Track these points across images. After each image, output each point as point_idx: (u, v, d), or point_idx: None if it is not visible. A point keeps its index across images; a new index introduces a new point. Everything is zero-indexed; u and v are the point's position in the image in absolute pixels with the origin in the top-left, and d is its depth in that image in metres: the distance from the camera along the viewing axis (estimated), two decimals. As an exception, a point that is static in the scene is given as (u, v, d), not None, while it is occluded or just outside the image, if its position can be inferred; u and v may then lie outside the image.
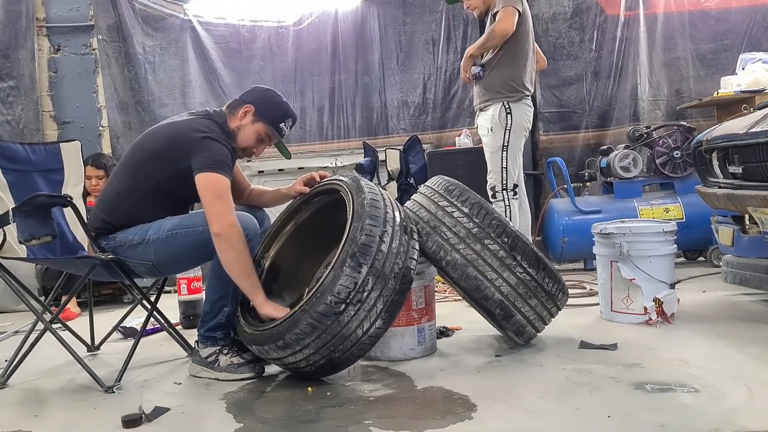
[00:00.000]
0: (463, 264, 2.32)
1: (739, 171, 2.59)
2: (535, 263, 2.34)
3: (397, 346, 2.48)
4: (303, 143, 5.34)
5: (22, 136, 4.98)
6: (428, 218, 2.39)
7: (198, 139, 2.32)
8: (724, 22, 5.13)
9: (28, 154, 2.71)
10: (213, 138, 2.34)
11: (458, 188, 2.43)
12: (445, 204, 2.40)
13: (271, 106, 2.51)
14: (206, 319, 2.39)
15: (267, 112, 2.49)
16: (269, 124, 2.48)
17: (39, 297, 3.02)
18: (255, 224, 2.38)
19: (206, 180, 2.27)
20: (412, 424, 1.78)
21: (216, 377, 2.34)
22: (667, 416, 1.72)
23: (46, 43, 5.22)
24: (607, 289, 2.92)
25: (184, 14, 5.24)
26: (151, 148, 2.42)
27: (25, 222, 2.23)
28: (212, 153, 2.30)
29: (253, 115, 2.47)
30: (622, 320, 2.83)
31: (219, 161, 2.30)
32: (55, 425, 1.97)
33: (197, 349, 2.41)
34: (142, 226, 2.37)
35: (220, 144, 2.34)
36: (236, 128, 2.47)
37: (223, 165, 2.30)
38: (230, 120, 2.49)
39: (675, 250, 2.88)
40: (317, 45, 5.35)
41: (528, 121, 3.59)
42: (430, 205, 2.42)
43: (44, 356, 2.67)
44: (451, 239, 2.34)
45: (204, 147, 2.31)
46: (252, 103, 2.48)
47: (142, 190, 2.39)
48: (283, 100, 2.57)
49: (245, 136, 2.48)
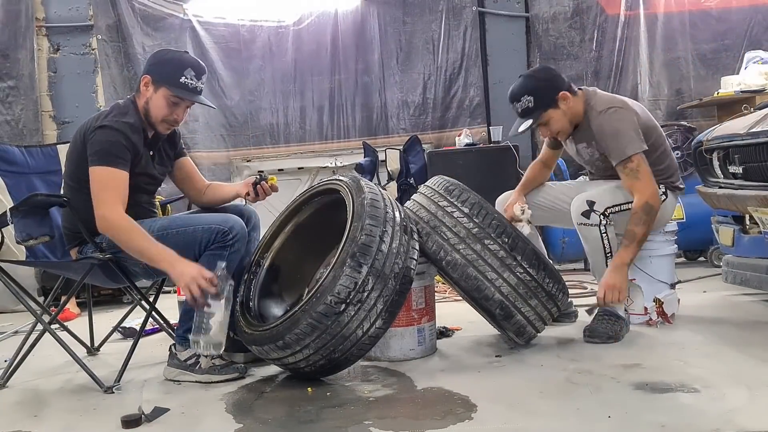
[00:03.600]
0: (464, 264, 2.32)
1: (740, 171, 2.59)
2: (536, 263, 2.34)
3: (397, 346, 2.47)
4: (303, 143, 5.34)
5: (21, 136, 4.97)
6: (428, 218, 2.39)
7: (90, 131, 2.30)
8: (725, 22, 5.12)
9: (25, 157, 2.71)
10: (101, 126, 2.28)
11: (458, 188, 2.42)
12: (445, 204, 2.39)
13: (164, 65, 2.38)
14: (186, 319, 2.34)
15: (162, 74, 2.35)
16: (168, 84, 2.34)
17: (38, 297, 3.03)
18: (241, 225, 2.35)
19: (91, 176, 2.25)
20: (412, 424, 1.78)
21: (197, 380, 2.30)
22: (668, 416, 1.71)
23: (46, 43, 5.21)
24: None
25: (183, 14, 5.23)
26: (71, 150, 2.42)
27: (23, 222, 2.23)
28: (97, 144, 2.26)
29: (153, 84, 2.36)
30: None
31: (103, 152, 2.25)
32: (55, 426, 1.96)
33: (174, 351, 2.37)
34: None
35: (110, 130, 2.27)
36: (146, 103, 2.38)
37: (107, 155, 2.24)
38: (138, 98, 2.41)
39: (676, 251, 2.87)
40: (317, 45, 5.34)
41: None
42: (430, 205, 2.42)
43: (44, 357, 2.67)
44: (451, 239, 2.34)
45: (93, 139, 2.27)
46: (147, 73, 2.39)
47: (83, 191, 2.32)
48: (175, 53, 2.45)
49: (155, 106, 2.36)
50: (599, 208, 2.56)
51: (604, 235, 2.57)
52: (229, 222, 2.31)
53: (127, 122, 2.31)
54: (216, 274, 2.16)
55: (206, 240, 2.28)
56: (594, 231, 2.56)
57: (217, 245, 2.27)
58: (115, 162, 2.25)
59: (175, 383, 2.32)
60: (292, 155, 5.29)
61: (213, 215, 2.42)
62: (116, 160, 2.25)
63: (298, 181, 5.26)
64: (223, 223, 2.30)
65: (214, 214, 2.43)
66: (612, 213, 2.59)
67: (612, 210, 2.59)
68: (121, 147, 2.27)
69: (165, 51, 2.50)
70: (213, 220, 2.33)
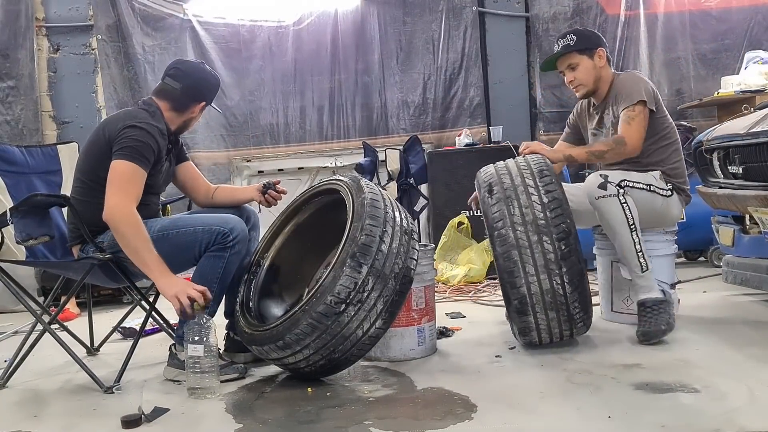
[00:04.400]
0: (513, 245, 2.29)
1: (740, 171, 2.59)
2: (576, 283, 2.29)
3: (397, 346, 2.47)
4: (303, 143, 5.34)
5: (21, 136, 4.97)
6: (508, 186, 2.36)
7: (119, 129, 2.31)
8: (725, 22, 5.12)
9: (25, 156, 2.71)
10: (134, 125, 2.31)
11: (550, 176, 2.38)
12: (530, 183, 2.36)
13: (211, 90, 2.55)
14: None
15: (211, 97, 2.55)
16: (210, 104, 2.56)
17: (38, 297, 3.02)
18: (242, 226, 2.36)
19: (113, 167, 2.26)
20: (412, 424, 1.78)
21: None
22: (668, 416, 1.71)
23: (46, 43, 5.20)
24: (607, 289, 2.91)
25: (183, 14, 5.23)
26: (90, 144, 2.42)
27: (23, 222, 2.22)
28: (128, 141, 2.27)
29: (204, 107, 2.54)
30: (623, 321, 2.81)
31: (131, 148, 2.27)
32: (55, 426, 1.96)
33: (174, 351, 2.38)
34: None
35: (142, 131, 2.30)
36: (187, 120, 2.51)
37: (134, 152, 2.27)
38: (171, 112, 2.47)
39: (676, 251, 2.87)
40: (317, 45, 5.33)
41: None
42: (517, 176, 2.39)
43: (44, 357, 2.67)
44: (516, 217, 2.31)
45: (123, 136, 2.29)
46: (204, 100, 2.51)
47: (96, 188, 2.34)
48: (212, 76, 2.57)
49: (195, 121, 2.56)
50: (614, 180, 2.53)
51: (625, 205, 2.51)
52: (230, 223, 2.31)
53: (158, 126, 2.37)
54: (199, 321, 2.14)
55: (206, 241, 2.28)
56: (614, 202, 2.50)
57: (217, 247, 2.28)
58: (140, 161, 2.28)
59: (175, 383, 2.32)
60: (292, 155, 5.29)
61: (213, 216, 2.42)
62: (142, 159, 2.28)
63: (298, 181, 5.26)
64: (224, 224, 2.30)
65: (215, 215, 2.43)
66: (627, 186, 2.55)
67: (627, 183, 2.56)
68: (148, 148, 2.30)
69: (208, 73, 2.56)
70: (213, 221, 2.33)
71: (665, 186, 2.73)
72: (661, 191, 2.70)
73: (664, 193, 2.71)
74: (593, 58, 2.77)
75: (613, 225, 2.55)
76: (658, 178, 2.73)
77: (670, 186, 2.74)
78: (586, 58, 2.77)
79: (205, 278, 2.29)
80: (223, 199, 2.68)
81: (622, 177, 2.58)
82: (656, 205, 2.69)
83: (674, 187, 2.76)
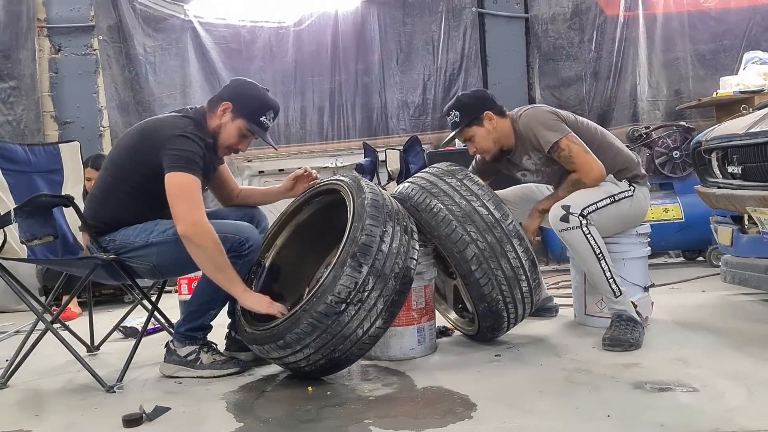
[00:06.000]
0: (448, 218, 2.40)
1: (738, 171, 2.60)
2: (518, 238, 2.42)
3: (397, 345, 2.48)
4: (303, 143, 5.35)
5: (23, 136, 4.97)
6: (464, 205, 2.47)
7: (168, 137, 2.29)
8: (724, 23, 5.12)
9: (27, 155, 2.71)
10: (184, 135, 2.29)
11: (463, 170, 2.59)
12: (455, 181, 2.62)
13: (249, 100, 2.43)
14: (189, 318, 2.40)
15: (244, 108, 2.41)
16: (248, 120, 2.41)
17: (40, 297, 3.03)
18: (257, 235, 2.39)
19: (171, 180, 2.24)
20: (412, 423, 1.79)
21: (199, 375, 2.34)
22: (667, 416, 1.72)
23: (47, 44, 5.21)
24: (580, 292, 2.85)
25: (184, 15, 5.24)
26: (126, 146, 2.42)
27: (27, 222, 2.24)
28: (180, 151, 2.26)
29: (231, 112, 2.41)
30: (595, 324, 2.73)
31: (186, 159, 2.26)
32: (56, 425, 1.97)
33: (173, 348, 2.40)
34: (144, 228, 2.36)
35: (191, 141, 2.29)
36: (217, 126, 2.42)
37: (190, 163, 2.26)
38: (210, 118, 2.44)
39: (649, 253, 2.83)
40: (317, 45, 5.34)
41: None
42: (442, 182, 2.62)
43: (45, 356, 2.68)
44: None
45: (173, 145, 2.27)
46: (229, 100, 2.42)
47: (122, 188, 2.38)
48: (260, 91, 2.47)
49: (227, 134, 2.42)
50: (576, 210, 2.52)
51: (589, 236, 2.51)
52: (245, 232, 2.34)
53: (205, 139, 2.37)
54: None
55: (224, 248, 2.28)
56: (577, 234, 2.51)
57: (233, 254, 2.29)
58: (195, 170, 2.28)
59: (176, 382, 2.33)
60: (292, 155, 5.30)
61: (229, 223, 2.39)
62: (196, 169, 2.28)
63: (299, 182, 5.26)
64: (240, 233, 2.32)
65: (230, 222, 2.41)
66: (589, 213, 2.54)
67: (588, 210, 2.55)
68: (199, 158, 2.31)
69: (252, 86, 2.48)
70: (230, 229, 2.33)
71: (625, 186, 2.70)
72: (624, 194, 2.67)
73: (628, 195, 2.68)
74: (483, 124, 2.74)
75: (580, 255, 2.56)
76: (614, 183, 2.69)
77: (626, 182, 2.71)
78: (476, 128, 2.76)
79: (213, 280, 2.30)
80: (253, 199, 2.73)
81: (583, 205, 2.55)
82: (626, 210, 2.67)
83: (630, 179, 2.73)
